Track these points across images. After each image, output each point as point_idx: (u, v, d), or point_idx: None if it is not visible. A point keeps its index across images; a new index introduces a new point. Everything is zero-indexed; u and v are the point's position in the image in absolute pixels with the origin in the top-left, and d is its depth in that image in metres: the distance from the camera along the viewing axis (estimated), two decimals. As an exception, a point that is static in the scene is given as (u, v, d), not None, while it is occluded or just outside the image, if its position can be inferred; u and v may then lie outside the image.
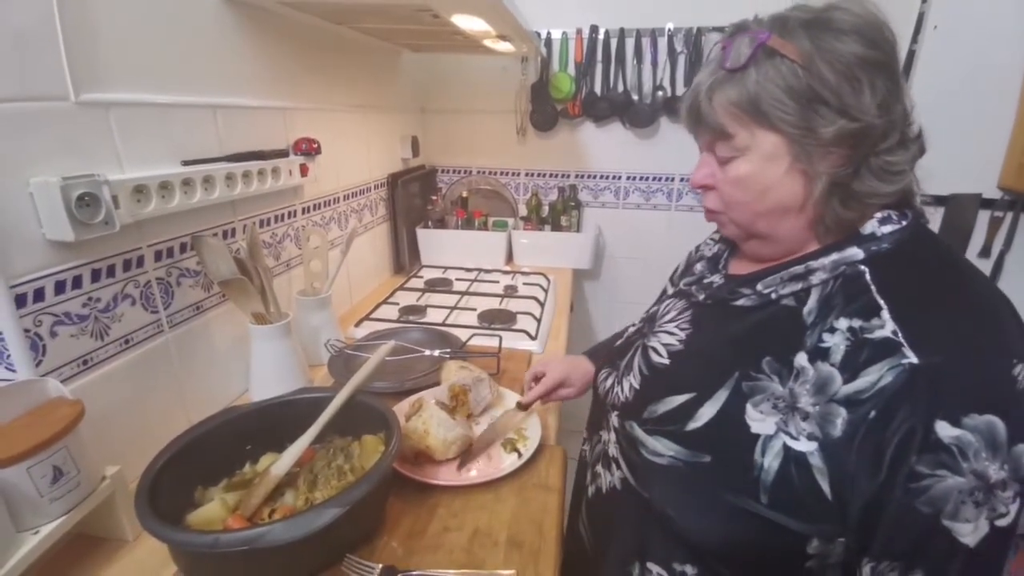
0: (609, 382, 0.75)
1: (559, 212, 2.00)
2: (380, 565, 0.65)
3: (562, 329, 1.47)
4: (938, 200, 1.29)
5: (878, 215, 0.56)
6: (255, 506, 0.68)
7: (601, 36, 1.85)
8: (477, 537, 0.73)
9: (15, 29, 0.62)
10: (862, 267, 0.54)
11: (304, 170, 1.17)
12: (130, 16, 0.77)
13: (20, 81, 0.63)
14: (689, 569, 0.59)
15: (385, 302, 1.54)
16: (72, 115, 0.70)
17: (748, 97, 0.54)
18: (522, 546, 0.72)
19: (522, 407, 0.95)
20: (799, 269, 0.57)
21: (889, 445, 0.46)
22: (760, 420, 0.53)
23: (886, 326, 0.49)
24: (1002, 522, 0.45)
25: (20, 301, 0.65)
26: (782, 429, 0.52)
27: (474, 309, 1.50)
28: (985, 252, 1.31)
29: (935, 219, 1.29)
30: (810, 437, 0.50)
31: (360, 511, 0.62)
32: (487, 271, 1.85)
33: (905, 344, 0.47)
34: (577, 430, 1.09)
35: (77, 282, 0.72)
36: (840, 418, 0.49)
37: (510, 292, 1.65)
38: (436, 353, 1.14)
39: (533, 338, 1.32)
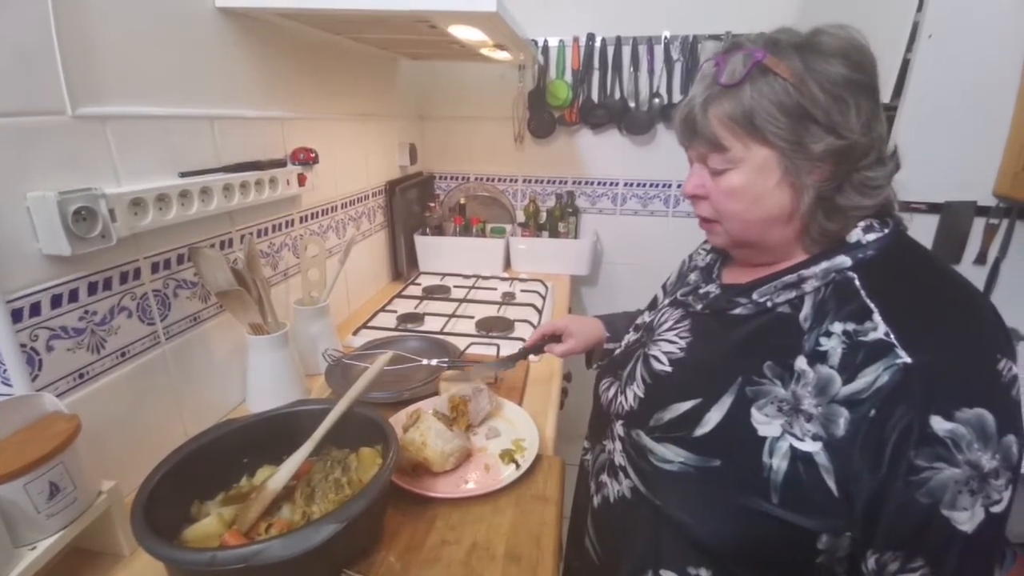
0: (612, 391, 0.76)
1: (557, 218, 2.00)
2: (378, 580, 0.65)
3: (560, 337, 1.46)
4: (933, 207, 1.29)
5: (861, 224, 0.59)
6: (252, 521, 0.68)
7: (598, 44, 1.86)
8: (475, 550, 0.73)
9: (11, 44, 0.62)
10: (851, 273, 0.57)
11: (302, 179, 1.17)
12: (127, 29, 0.77)
13: (16, 95, 0.64)
14: (704, 572, 0.60)
15: (383, 310, 1.54)
16: (69, 129, 0.70)
17: (743, 111, 0.56)
18: (520, 559, 0.72)
19: (523, 353, 1.00)
20: (792, 278, 0.59)
21: (888, 441, 0.48)
22: (766, 423, 0.55)
23: (878, 328, 0.51)
24: (996, 508, 0.48)
25: (16, 316, 0.65)
26: (787, 431, 0.54)
27: (472, 317, 1.50)
28: (980, 259, 1.30)
29: (930, 226, 1.31)
30: (815, 438, 0.52)
31: (358, 526, 0.62)
32: (485, 278, 1.85)
33: (897, 345, 0.50)
34: (576, 436, 1.09)
35: (73, 295, 0.72)
36: (842, 418, 0.51)
37: (508, 299, 1.65)
38: (434, 363, 1.14)
39: (531, 346, 1.32)
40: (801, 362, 0.55)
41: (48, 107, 0.67)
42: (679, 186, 2.01)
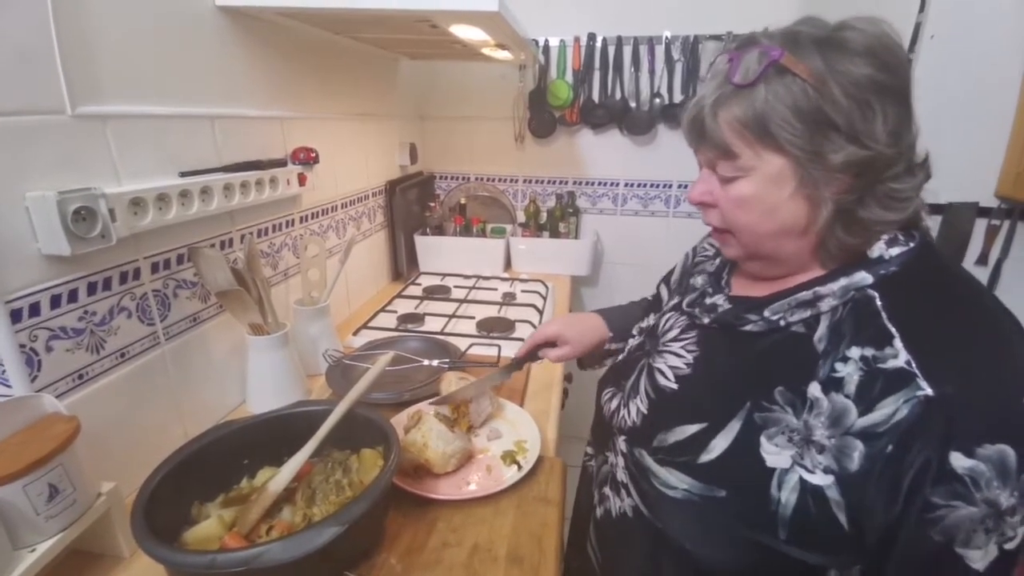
0: (615, 403, 0.74)
1: (557, 219, 2.00)
2: (379, 582, 0.65)
3: (561, 337, 1.46)
4: (935, 208, 1.29)
5: (885, 237, 0.54)
6: (252, 523, 0.68)
7: (599, 44, 1.85)
8: (477, 552, 0.72)
9: (11, 43, 0.62)
10: (872, 292, 0.53)
11: (302, 179, 1.17)
12: (127, 28, 0.77)
13: (16, 95, 0.63)
14: None
15: (383, 310, 1.53)
16: (68, 128, 0.69)
17: (755, 115, 0.51)
18: (522, 561, 0.71)
19: (517, 364, 0.96)
20: (807, 295, 0.55)
21: (905, 477, 0.46)
22: (775, 453, 0.52)
23: (899, 355, 0.48)
24: (1010, 545, 0.46)
25: (15, 316, 0.64)
26: (798, 463, 0.51)
27: (472, 317, 1.49)
28: (982, 260, 1.31)
29: (932, 228, 1.30)
30: (826, 471, 0.49)
31: (359, 528, 0.61)
32: (485, 278, 1.85)
33: (919, 375, 0.46)
34: (577, 436, 1.09)
35: (73, 296, 0.71)
36: (857, 452, 0.48)
37: (508, 300, 1.65)
38: (435, 363, 1.14)
39: (532, 347, 1.32)
40: (815, 389, 0.51)
41: (48, 106, 0.67)
42: (680, 186, 2.01)
